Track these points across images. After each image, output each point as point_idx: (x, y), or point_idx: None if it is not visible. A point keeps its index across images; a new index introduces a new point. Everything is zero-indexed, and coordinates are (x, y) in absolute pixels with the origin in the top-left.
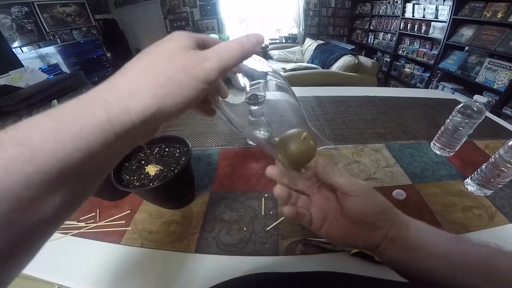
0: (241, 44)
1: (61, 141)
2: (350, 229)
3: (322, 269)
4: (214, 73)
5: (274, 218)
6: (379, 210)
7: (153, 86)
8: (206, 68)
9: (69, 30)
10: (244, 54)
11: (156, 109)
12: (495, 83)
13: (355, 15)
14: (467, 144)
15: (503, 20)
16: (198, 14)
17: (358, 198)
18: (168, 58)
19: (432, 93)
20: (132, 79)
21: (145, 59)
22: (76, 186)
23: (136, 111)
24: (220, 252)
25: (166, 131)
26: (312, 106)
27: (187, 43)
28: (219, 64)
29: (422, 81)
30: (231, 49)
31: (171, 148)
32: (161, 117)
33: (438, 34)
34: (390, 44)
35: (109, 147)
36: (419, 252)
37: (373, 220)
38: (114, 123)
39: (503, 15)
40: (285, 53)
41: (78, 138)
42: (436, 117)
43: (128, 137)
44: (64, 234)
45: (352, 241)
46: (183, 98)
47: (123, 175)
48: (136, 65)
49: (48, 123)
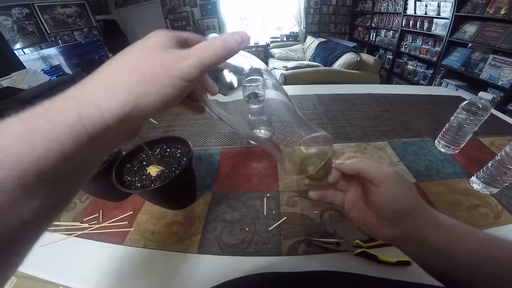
0: (224, 42)
1: (30, 143)
2: (373, 220)
3: (325, 269)
4: (193, 70)
5: (277, 218)
6: (401, 208)
7: (128, 84)
8: (184, 65)
9: (70, 31)
10: (227, 52)
11: (131, 107)
12: (500, 80)
13: (356, 13)
14: (472, 141)
15: (506, 16)
16: (199, 14)
17: (381, 189)
18: (145, 56)
19: (435, 90)
20: (107, 77)
21: (122, 57)
22: (54, 189)
23: (110, 110)
24: (222, 252)
25: (167, 131)
26: (314, 104)
27: (166, 40)
28: (199, 62)
29: (425, 78)
30: (214, 47)
31: (172, 149)
32: (137, 117)
33: (441, 31)
34: (392, 41)
35: (84, 149)
36: (438, 253)
37: (394, 216)
38: (86, 123)
39: (506, 11)
40: (286, 51)
41: (49, 139)
42: (440, 114)
43: (103, 138)
44: (68, 235)
45: (373, 232)
46: (160, 96)
47: (125, 176)
48: (112, 63)
49: (17, 125)
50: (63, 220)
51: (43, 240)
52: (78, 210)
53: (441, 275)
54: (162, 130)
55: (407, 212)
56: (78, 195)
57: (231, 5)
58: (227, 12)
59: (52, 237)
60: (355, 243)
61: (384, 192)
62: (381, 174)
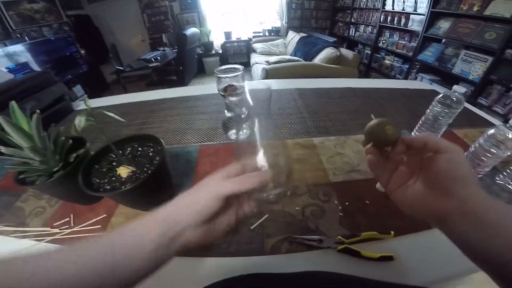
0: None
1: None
2: (423, 195)
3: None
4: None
5: (258, 216)
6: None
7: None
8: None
9: (38, 27)
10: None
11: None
12: (471, 74)
13: (337, 8)
14: (447, 134)
15: (478, 13)
16: (178, 8)
17: (447, 155)
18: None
19: (411, 84)
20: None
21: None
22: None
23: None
24: (203, 253)
25: (141, 129)
26: (294, 98)
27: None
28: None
29: (401, 73)
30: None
31: (144, 147)
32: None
33: (417, 26)
34: (371, 37)
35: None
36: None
37: (451, 184)
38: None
39: (479, 8)
40: (268, 46)
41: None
42: (416, 107)
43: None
44: (38, 241)
45: (421, 210)
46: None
47: (93, 178)
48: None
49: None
50: (32, 225)
51: (12, 248)
52: (48, 215)
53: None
54: (136, 128)
55: (469, 179)
56: (47, 199)
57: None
58: (207, 6)
59: (21, 244)
60: (338, 239)
61: (450, 157)
62: (447, 144)
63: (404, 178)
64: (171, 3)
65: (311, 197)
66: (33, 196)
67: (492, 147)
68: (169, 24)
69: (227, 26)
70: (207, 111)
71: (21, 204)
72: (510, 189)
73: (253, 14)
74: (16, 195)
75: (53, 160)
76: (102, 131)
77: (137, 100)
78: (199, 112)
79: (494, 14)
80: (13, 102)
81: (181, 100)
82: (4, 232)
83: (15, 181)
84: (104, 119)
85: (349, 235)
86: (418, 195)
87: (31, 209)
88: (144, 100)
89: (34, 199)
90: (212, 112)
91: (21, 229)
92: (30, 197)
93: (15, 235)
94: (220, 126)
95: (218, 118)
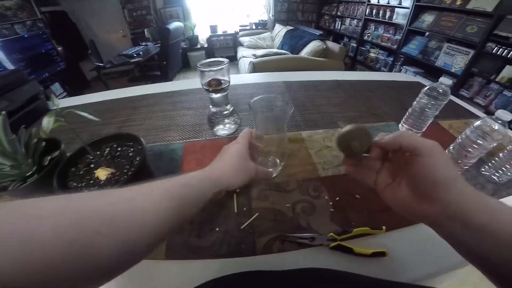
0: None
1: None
2: (409, 197)
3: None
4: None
5: (248, 215)
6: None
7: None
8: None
9: (10, 25)
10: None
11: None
12: (453, 67)
13: (323, 1)
14: (433, 125)
15: (461, 7)
16: (161, 2)
17: (424, 159)
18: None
19: (396, 76)
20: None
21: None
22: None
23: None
24: (193, 256)
25: (122, 127)
26: (281, 92)
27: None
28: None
29: (386, 65)
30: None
31: (123, 147)
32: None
33: (401, 20)
34: (356, 30)
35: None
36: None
37: (432, 188)
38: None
39: (461, 2)
40: (255, 39)
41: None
42: (402, 99)
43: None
44: None
45: (408, 212)
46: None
47: (70, 182)
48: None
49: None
50: None
51: None
52: None
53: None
54: (117, 126)
55: (450, 182)
56: None
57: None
58: (192, 0)
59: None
60: (330, 236)
61: (427, 162)
62: (423, 144)
63: (390, 178)
64: None
65: (301, 193)
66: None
67: (478, 138)
68: (151, 19)
69: (213, 19)
70: (191, 106)
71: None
72: (495, 179)
73: (239, 7)
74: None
75: (25, 164)
76: (74, 131)
77: (118, 97)
78: (184, 107)
79: (476, 8)
80: None
81: (165, 95)
82: None
83: None
84: (80, 118)
85: (341, 232)
86: (404, 197)
87: None
88: (126, 97)
89: None
90: (197, 108)
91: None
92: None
93: None
94: (205, 121)
95: (203, 113)
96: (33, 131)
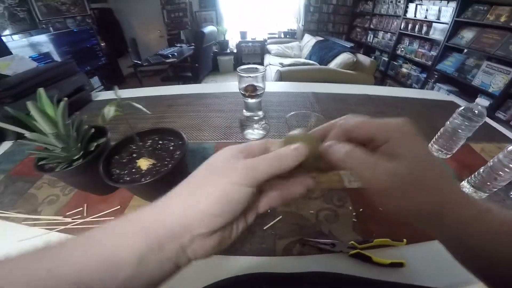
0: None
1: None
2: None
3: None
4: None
5: (272, 217)
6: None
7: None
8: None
9: (63, 19)
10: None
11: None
12: (491, 87)
13: (356, 13)
14: (464, 147)
15: (505, 24)
16: (197, 5)
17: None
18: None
19: (428, 94)
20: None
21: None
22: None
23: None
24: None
25: (158, 123)
26: (311, 102)
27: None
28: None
29: (418, 82)
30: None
31: (164, 141)
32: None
33: (439, 35)
34: (389, 44)
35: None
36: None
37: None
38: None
39: (506, 19)
40: (283, 48)
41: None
42: (433, 118)
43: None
44: (49, 230)
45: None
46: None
47: (113, 168)
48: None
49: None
50: (44, 213)
51: (21, 235)
52: (61, 204)
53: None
54: (153, 121)
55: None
56: (61, 187)
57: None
58: (225, 5)
59: (31, 232)
60: (350, 244)
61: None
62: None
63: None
64: (190, 0)
65: (326, 202)
66: (48, 184)
67: (511, 162)
68: (187, 21)
69: (243, 25)
70: (223, 109)
71: (35, 191)
72: None
73: (270, 15)
74: (31, 182)
75: (75, 148)
76: (128, 122)
77: (153, 94)
78: (216, 109)
79: None
80: (41, 89)
81: (198, 96)
82: (16, 219)
83: (34, 167)
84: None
85: (361, 241)
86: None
87: (44, 196)
88: (161, 95)
89: (48, 187)
90: (228, 111)
91: (33, 217)
92: (44, 185)
93: (26, 222)
94: (236, 124)
95: (234, 116)
96: (84, 117)
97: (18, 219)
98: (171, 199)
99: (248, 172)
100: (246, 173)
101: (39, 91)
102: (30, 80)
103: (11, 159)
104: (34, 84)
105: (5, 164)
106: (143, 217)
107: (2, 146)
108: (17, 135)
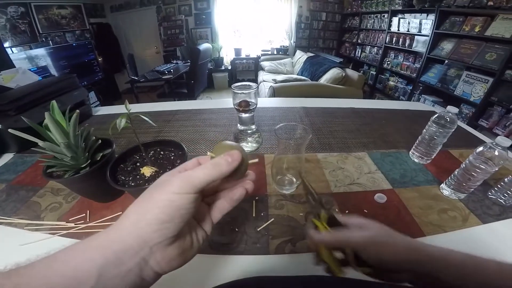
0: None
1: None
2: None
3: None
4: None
5: (265, 219)
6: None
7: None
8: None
9: (62, 33)
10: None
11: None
12: (472, 96)
13: (344, 29)
14: (443, 153)
15: (480, 34)
16: (193, 23)
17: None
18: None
19: (413, 106)
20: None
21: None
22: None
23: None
24: (213, 251)
25: (157, 137)
26: (300, 116)
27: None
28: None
29: (405, 94)
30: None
31: (166, 152)
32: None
33: (421, 47)
34: (376, 58)
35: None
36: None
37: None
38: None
39: (480, 29)
40: (276, 64)
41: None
42: (415, 128)
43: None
44: (52, 234)
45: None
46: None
47: (119, 175)
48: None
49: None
50: (47, 219)
51: (23, 239)
52: (64, 210)
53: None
54: (152, 135)
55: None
56: (64, 195)
57: (225, 16)
58: (220, 23)
59: (33, 237)
60: None
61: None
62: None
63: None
64: (186, 17)
65: None
66: (50, 192)
67: (481, 163)
68: (183, 38)
69: (238, 42)
70: (219, 123)
71: (38, 199)
72: (501, 202)
73: (263, 32)
74: (33, 190)
75: (82, 157)
76: (135, 134)
77: (151, 110)
78: (212, 124)
79: (494, 35)
80: (54, 101)
81: (195, 112)
82: (18, 224)
83: (43, 174)
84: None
85: None
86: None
87: (47, 204)
88: (159, 110)
89: (51, 195)
90: (224, 125)
91: (36, 222)
92: (47, 193)
93: (29, 228)
94: (231, 138)
95: (229, 130)
96: (91, 129)
97: (21, 225)
98: (124, 218)
99: (185, 181)
100: (183, 182)
101: (53, 103)
102: (33, 93)
103: (12, 170)
104: (37, 97)
105: (6, 175)
106: (101, 236)
107: (3, 158)
108: (18, 148)
